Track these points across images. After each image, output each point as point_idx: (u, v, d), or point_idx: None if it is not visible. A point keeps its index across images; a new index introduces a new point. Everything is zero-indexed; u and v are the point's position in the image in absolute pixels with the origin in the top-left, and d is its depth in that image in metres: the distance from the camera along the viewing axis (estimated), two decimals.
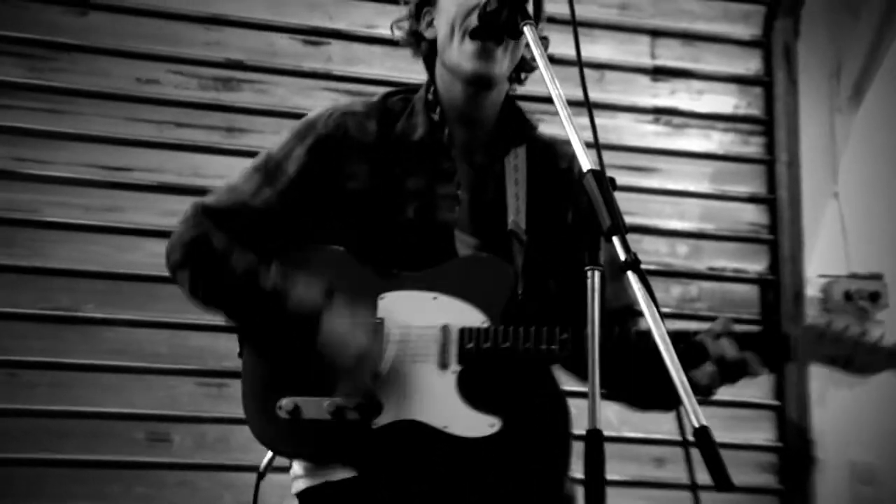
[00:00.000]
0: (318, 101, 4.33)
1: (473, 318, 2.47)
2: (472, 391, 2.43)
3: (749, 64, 5.13)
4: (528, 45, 2.45)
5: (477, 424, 2.41)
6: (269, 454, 2.52)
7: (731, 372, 2.40)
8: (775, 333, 2.42)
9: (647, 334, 2.20)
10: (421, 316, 2.48)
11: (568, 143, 2.29)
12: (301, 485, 2.51)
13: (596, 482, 1.77)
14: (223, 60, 4.51)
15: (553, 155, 2.69)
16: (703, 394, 2.37)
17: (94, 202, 4.27)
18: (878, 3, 4.90)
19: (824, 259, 4.88)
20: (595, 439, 1.79)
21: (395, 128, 2.60)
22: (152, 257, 4.09)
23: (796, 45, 5.09)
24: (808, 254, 4.94)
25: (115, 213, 4.26)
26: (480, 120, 2.60)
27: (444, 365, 2.44)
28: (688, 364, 2.20)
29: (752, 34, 5.13)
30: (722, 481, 1.64)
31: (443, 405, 2.44)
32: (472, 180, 2.62)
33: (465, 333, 2.44)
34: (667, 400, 2.33)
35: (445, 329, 2.45)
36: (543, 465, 2.57)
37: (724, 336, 2.39)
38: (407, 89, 2.67)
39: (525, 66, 2.62)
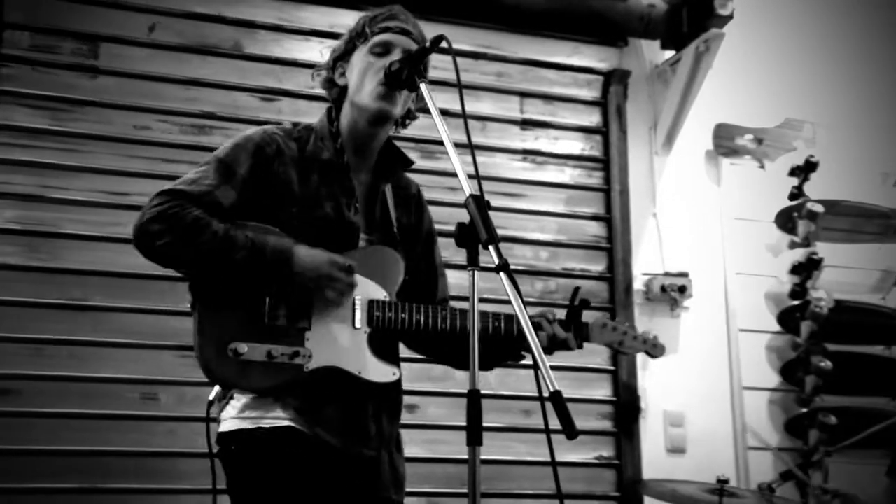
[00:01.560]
0: None
1: (378, 293, 2.59)
2: (379, 348, 2.57)
3: (591, 118, 5.33)
4: (420, 97, 2.67)
5: (384, 372, 2.56)
6: (217, 388, 2.55)
7: (559, 344, 2.70)
8: (579, 322, 2.76)
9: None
10: None
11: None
12: (232, 425, 2.49)
13: (475, 428, 1.99)
14: (199, 112, 4.62)
15: (406, 183, 2.87)
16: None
17: (101, 219, 4.36)
18: (682, 75, 5.10)
19: (647, 262, 5.17)
20: (475, 396, 2.00)
21: (306, 149, 2.64)
22: (145, 261, 4.36)
23: (625, 104, 5.33)
24: (635, 258, 5.16)
25: (116, 227, 4.29)
26: (369, 150, 2.71)
27: (356, 327, 2.53)
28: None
29: (594, 96, 5.35)
30: (570, 430, 1.88)
31: (357, 357, 2.53)
32: (362, 195, 2.70)
33: (374, 304, 2.56)
34: (485, 363, 2.68)
35: (357, 299, 2.55)
36: (395, 417, 2.72)
37: (555, 321, 2.69)
38: (307, 125, 2.73)
39: (409, 116, 2.79)
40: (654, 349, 2.97)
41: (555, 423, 1.97)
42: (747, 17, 5.29)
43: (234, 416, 2.50)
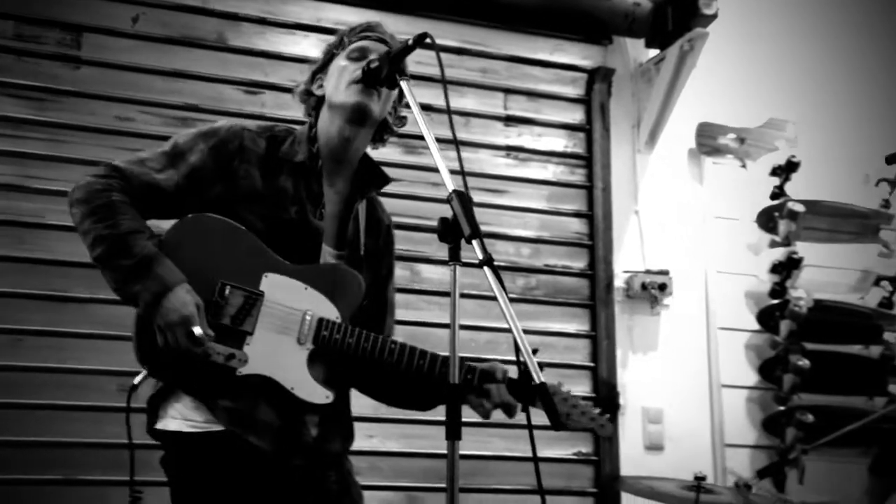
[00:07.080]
0: None
1: (331, 312, 2.56)
2: (320, 368, 2.55)
3: (575, 115, 5.36)
4: (401, 99, 2.73)
5: (317, 393, 2.52)
6: (143, 373, 2.57)
7: (501, 405, 2.64)
8: (526, 385, 2.42)
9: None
10: (293, 299, 2.53)
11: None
12: (173, 426, 2.50)
13: (454, 423, 2.04)
14: (182, 104, 4.62)
15: (381, 212, 2.88)
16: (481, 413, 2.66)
17: None
18: (666, 74, 5.10)
19: (628, 259, 5.21)
20: (453, 391, 2.07)
21: (280, 149, 2.65)
22: None
23: (609, 102, 5.35)
24: (616, 255, 5.20)
25: None
26: (347, 157, 2.70)
27: (301, 342, 2.52)
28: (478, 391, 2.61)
29: (578, 94, 5.38)
30: (557, 422, 1.93)
31: (294, 372, 2.50)
32: (337, 205, 2.71)
33: (323, 323, 2.53)
34: (419, 403, 2.76)
35: (308, 314, 2.53)
36: (341, 434, 2.69)
37: (501, 381, 2.60)
38: (289, 127, 2.76)
39: (386, 129, 2.81)
40: (602, 428, 2.76)
41: (536, 420, 2.01)
42: (731, 16, 5.33)
43: (176, 416, 2.51)
